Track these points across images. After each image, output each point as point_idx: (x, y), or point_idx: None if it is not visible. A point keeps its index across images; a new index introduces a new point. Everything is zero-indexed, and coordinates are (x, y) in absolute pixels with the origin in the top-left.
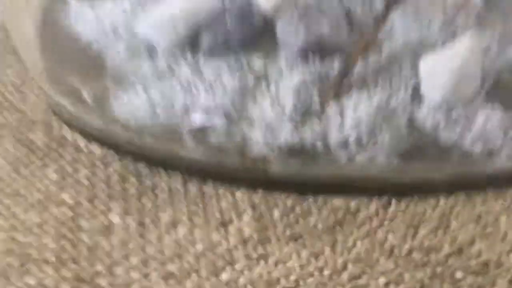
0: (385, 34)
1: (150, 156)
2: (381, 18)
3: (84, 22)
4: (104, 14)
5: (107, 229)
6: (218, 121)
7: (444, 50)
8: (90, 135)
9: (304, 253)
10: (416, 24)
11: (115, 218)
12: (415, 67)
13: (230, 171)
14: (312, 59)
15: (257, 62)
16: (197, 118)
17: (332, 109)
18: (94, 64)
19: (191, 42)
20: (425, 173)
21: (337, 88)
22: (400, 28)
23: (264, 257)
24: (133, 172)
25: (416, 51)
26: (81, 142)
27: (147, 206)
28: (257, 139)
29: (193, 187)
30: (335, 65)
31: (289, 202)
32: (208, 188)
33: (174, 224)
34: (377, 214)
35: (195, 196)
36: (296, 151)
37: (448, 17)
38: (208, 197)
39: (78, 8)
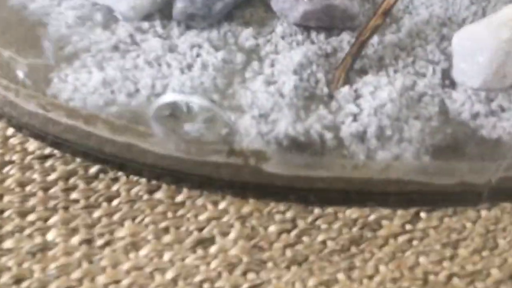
0: (404, 6)
1: (105, 153)
2: None
3: None
4: None
5: (43, 252)
6: (196, 105)
7: (486, 20)
8: (24, 127)
9: (311, 282)
10: None
11: (55, 237)
12: (441, 46)
13: (212, 171)
14: (316, 32)
15: (247, 35)
16: (168, 98)
17: (343, 93)
18: (32, 33)
19: (161, 9)
20: (463, 176)
21: (349, 68)
22: (421, 1)
23: (258, 287)
24: (82, 176)
25: (442, 28)
26: (13, 136)
27: (99, 221)
28: (248, 129)
29: (161, 195)
30: (345, 40)
31: (290, 214)
32: (182, 196)
33: (135, 243)
34: (403, 230)
35: (164, 206)
36: (299, 146)
37: None
38: (182, 208)
39: None
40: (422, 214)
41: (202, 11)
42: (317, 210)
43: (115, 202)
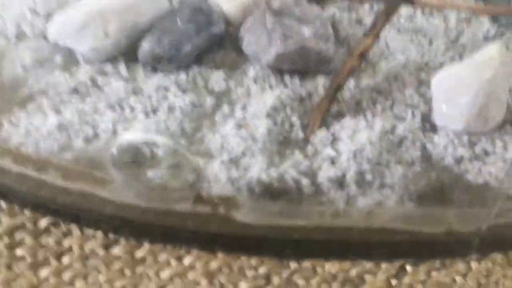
0: (380, 51)
1: (57, 203)
2: (372, 29)
3: None
4: (4, 10)
5: None
6: (159, 146)
7: (466, 60)
8: None
9: None
10: (414, 44)
11: None
12: (420, 90)
13: (177, 223)
14: (290, 76)
15: (217, 78)
16: (129, 137)
17: (320, 137)
18: None
19: (127, 51)
20: (450, 224)
21: (325, 111)
22: (396, 47)
23: None
24: (30, 229)
25: (419, 72)
26: None
27: (46, 280)
28: (217, 175)
29: (119, 250)
30: (320, 83)
31: (263, 269)
32: (143, 251)
33: None
34: (388, 285)
35: (122, 263)
36: (273, 192)
37: (452, 36)
38: (142, 264)
39: None
40: (408, 267)
41: (170, 53)
42: (293, 264)
43: (65, 259)
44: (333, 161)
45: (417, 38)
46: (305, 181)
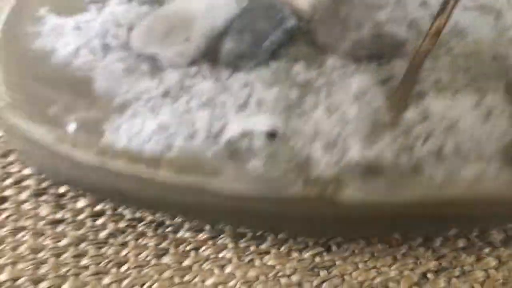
0: (450, 29)
1: (168, 201)
2: (444, 9)
3: (62, 35)
4: (88, 26)
5: None
6: (259, 141)
7: None
8: (79, 183)
9: None
10: (482, 19)
11: None
12: (497, 63)
13: (285, 209)
14: (367, 61)
15: (298, 70)
16: (226, 133)
17: (409, 116)
18: (79, 88)
19: (206, 55)
20: None
21: (409, 91)
22: (466, 24)
23: None
24: (92, 241)
25: (495, 46)
26: (25, 201)
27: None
28: (317, 159)
29: (169, 259)
30: (397, 65)
31: (295, 277)
32: (189, 260)
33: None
34: None
35: (171, 271)
36: (373, 171)
37: None
38: (189, 273)
39: (54, 20)
40: (429, 275)
41: (251, 50)
42: (323, 273)
43: (124, 268)
44: (426, 138)
45: (483, 14)
46: (403, 158)
